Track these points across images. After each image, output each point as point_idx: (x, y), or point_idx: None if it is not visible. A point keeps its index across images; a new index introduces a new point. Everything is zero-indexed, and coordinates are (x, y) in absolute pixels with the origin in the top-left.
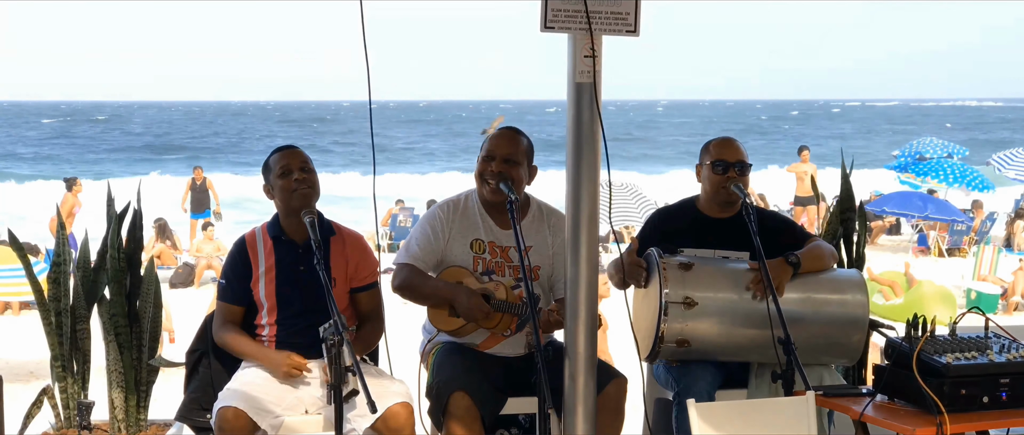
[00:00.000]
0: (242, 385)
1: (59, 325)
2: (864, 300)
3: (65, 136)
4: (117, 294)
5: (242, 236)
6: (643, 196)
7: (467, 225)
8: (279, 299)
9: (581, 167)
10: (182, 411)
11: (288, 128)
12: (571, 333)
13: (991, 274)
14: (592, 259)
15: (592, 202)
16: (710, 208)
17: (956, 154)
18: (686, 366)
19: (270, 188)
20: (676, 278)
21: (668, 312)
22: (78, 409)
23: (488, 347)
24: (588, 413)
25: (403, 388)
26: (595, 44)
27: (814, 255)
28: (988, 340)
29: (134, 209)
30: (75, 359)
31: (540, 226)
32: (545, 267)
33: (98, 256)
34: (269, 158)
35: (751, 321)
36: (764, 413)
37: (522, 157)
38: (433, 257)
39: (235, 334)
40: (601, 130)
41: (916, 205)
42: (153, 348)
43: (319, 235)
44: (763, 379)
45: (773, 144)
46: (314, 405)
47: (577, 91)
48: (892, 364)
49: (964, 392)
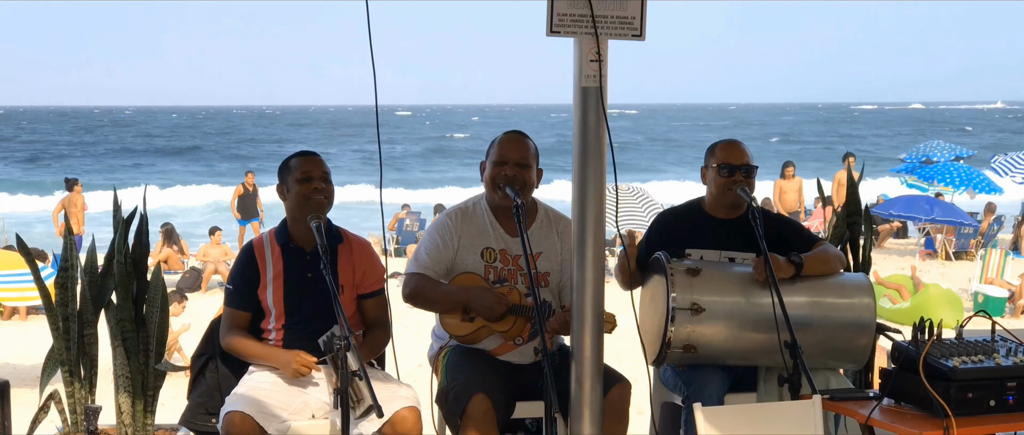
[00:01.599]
0: (249, 390)
1: (66, 330)
2: (871, 304)
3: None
4: (124, 299)
5: (250, 241)
6: (650, 199)
7: (477, 233)
8: (287, 305)
9: (587, 171)
10: (187, 416)
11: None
12: (577, 337)
13: (998, 277)
14: (598, 263)
15: (598, 206)
16: (716, 209)
17: (963, 156)
18: (695, 370)
19: (285, 190)
20: (683, 283)
21: (675, 318)
22: (85, 414)
23: (500, 354)
24: (595, 417)
25: (411, 393)
26: (601, 48)
27: (820, 259)
28: (995, 344)
29: (141, 214)
30: (82, 364)
31: (548, 232)
32: (555, 273)
33: (105, 261)
34: (290, 160)
35: (758, 325)
36: (771, 417)
37: (532, 160)
38: (443, 265)
39: (242, 337)
40: (607, 134)
41: (922, 208)
42: (160, 353)
43: (326, 242)
44: (772, 383)
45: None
46: (321, 410)
47: (583, 95)
48: (899, 368)
49: (971, 396)
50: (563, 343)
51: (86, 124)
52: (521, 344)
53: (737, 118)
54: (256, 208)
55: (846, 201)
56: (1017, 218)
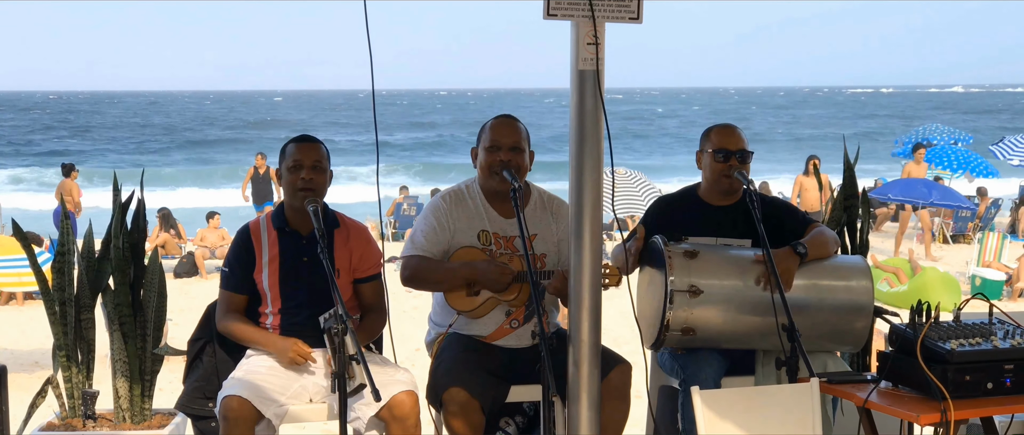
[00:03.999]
0: (246, 374)
1: (64, 315)
2: (869, 286)
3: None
4: (121, 284)
5: (246, 224)
6: (648, 184)
7: (471, 217)
8: (282, 290)
9: (584, 155)
10: (184, 400)
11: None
12: (575, 320)
13: (995, 260)
14: (595, 247)
15: (595, 190)
16: (711, 196)
17: (961, 141)
18: (692, 354)
19: (280, 174)
20: (681, 266)
21: (673, 300)
22: (82, 398)
23: (496, 339)
24: (593, 400)
25: (408, 376)
26: (598, 31)
27: (818, 242)
28: (992, 326)
29: (138, 199)
30: (79, 349)
31: (543, 214)
32: (551, 254)
33: (102, 246)
34: (287, 145)
35: (756, 308)
36: (768, 400)
37: (524, 143)
38: (439, 247)
39: (239, 321)
40: (604, 117)
41: (920, 192)
42: (157, 337)
43: (323, 226)
44: (770, 366)
45: None
46: (318, 394)
47: (580, 79)
48: (896, 351)
49: (968, 378)
50: (560, 326)
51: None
52: (517, 327)
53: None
54: (271, 191)
55: (843, 184)
56: (1015, 201)
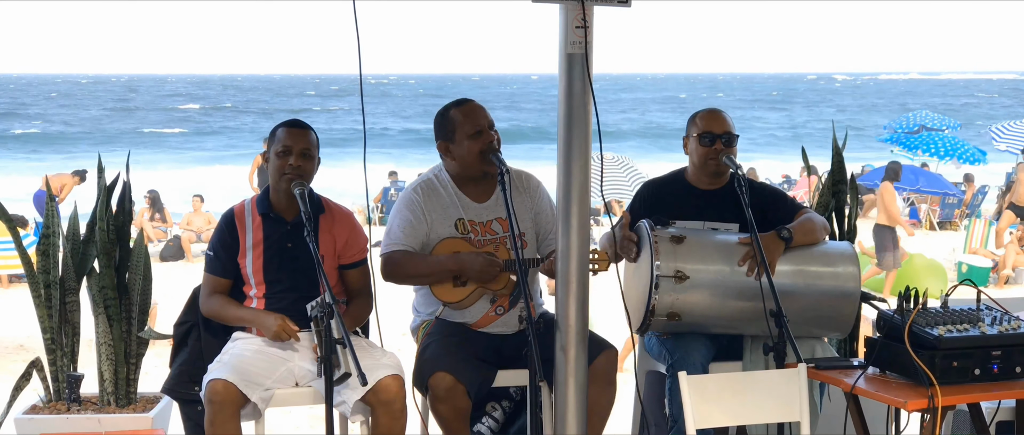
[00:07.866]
0: (232, 358)
1: (49, 297)
2: (856, 272)
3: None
4: (106, 267)
5: (230, 208)
6: (634, 169)
7: (446, 206)
8: (266, 275)
9: (572, 139)
10: (170, 383)
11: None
12: (562, 305)
13: (982, 247)
14: (583, 231)
15: (583, 174)
16: (699, 179)
17: (949, 127)
18: (679, 338)
19: (266, 158)
20: (667, 251)
21: (659, 286)
22: (67, 382)
23: (482, 326)
24: (580, 384)
25: (394, 360)
26: (586, 15)
27: (806, 228)
28: (980, 312)
29: (124, 181)
30: (64, 332)
31: (515, 191)
32: (530, 231)
33: (87, 228)
34: (277, 128)
35: (743, 294)
36: (755, 385)
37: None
38: (418, 240)
39: (223, 301)
40: (592, 102)
41: (907, 178)
42: (142, 321)
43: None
44: (757, 352)
45: None
46: (305, 378)
47: (568, 62)
48: (884, 337)
49: (956, 364)
50: (546, 311)
51: None
52: (503, 313)
53: None
54: None
55: (831, 170)
56: (1002, 188)
